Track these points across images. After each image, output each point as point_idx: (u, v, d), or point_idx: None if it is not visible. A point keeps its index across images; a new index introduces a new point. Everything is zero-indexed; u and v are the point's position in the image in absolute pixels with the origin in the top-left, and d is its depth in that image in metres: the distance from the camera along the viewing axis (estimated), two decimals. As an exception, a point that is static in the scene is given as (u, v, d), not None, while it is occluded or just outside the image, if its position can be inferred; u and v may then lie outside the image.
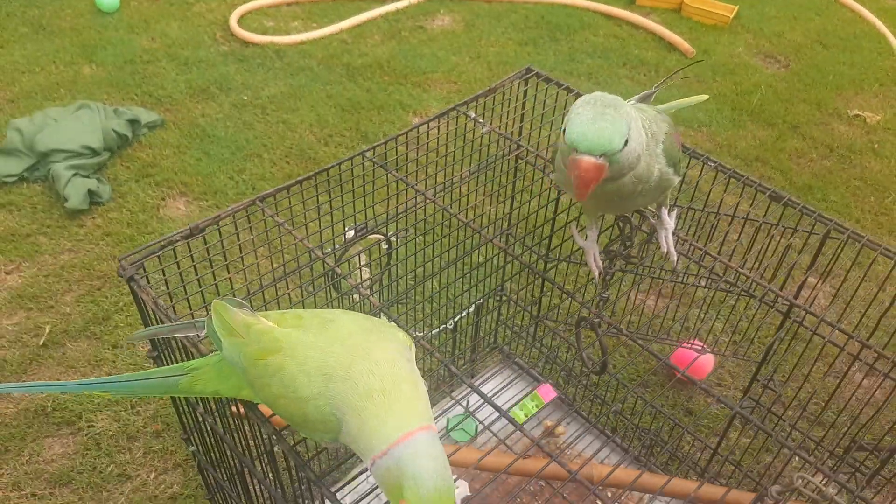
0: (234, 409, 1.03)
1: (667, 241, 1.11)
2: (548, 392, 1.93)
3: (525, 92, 1.54)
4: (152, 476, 1.91)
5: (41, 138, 2.71)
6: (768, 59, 3.79)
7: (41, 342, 2.18)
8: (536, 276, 1.30)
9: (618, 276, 1.90)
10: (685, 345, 2.06)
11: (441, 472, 0.69)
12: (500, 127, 1.43)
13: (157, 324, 0.98)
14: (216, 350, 0.86)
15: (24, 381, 1.98)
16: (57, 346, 2.18)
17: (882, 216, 2.84)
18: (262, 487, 1.05)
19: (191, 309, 1.14)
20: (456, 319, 1.84)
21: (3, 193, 2.68)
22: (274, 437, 0.84)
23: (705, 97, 1.38)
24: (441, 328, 1.82)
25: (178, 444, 1.96)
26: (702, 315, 2.11)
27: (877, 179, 3.03)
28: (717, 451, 1.58)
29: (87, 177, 2.67)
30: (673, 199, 1.24)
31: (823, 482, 0.81)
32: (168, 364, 1.08)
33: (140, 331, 0.92)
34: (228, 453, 1.10)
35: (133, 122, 2.97)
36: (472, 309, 1.87)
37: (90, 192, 2.61)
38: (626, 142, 0.84)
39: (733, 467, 1.61)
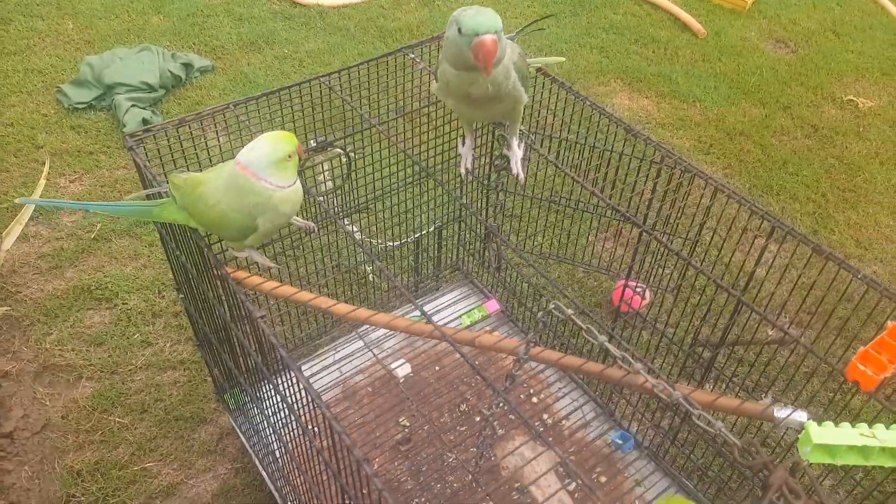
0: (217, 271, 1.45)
1: (517, 166, 1.45)
2: (493, 305, 2.30)
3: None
4: (168, 345, 2.37)
5: (108, 73, 3.21)
6: (778, 44, 3.98)
7: (92, 236, 2.67)
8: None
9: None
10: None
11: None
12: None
13: (147, 183, 1.41)
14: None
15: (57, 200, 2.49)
16: (105, 240, 2.67)
17: (848, 192, 3.06)
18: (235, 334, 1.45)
19: (164, 172, 1.55)
20: (417, 236, 2.21)
21: (74, 117, 3.19)
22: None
23: (562, 59, 1.69)
24: (403, 242, 2.20)
25: (190, 322, 2.42)
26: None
27: (853, 159, 3.23)
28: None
29: (144, 108, 3.15)
30: (525, 134, 1.56)
31: (570, 312, 1.16)
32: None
33: (134, 193, 1.35)
34: (209, 303, 1.50)
35: (187, 66, 3.44)
36: (432, 229, 2.23)
37: (144, 121, 3.09)
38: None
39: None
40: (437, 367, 2.18)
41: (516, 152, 1.45)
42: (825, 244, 2.83)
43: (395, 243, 2.22)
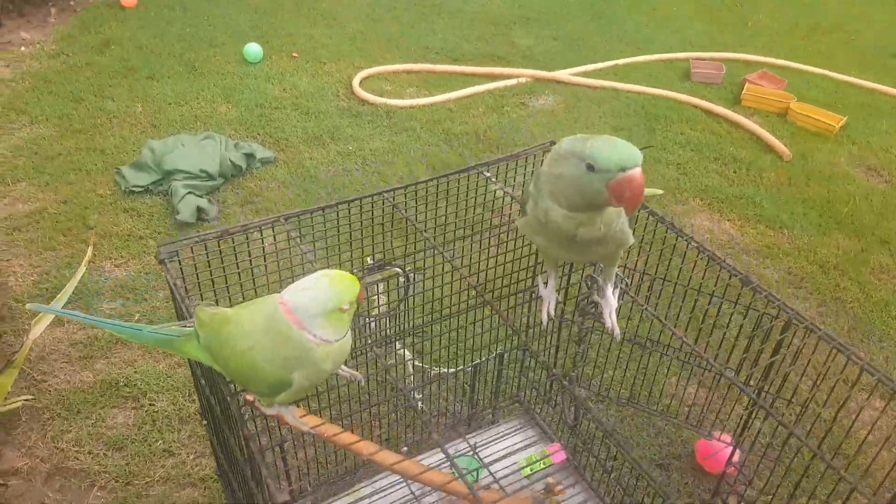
0: (246, 397, 1.24)
1: (611, 318, 1.21)
2: (558, 452, 2.01)
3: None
4: (192, 457, 2.14)
5: (168, 158, 3.14)
6: (870, 172, 3.72)
7: (128, 329, 2.51)
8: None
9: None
10: (714, 437, 2.07)
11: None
12: (513, 189, 1.60)
13: (178, 306, 1.22)
14: None
15: (73, 310, 2.30)
16: (140, 334, 2.50)
17: (960, 344, 2.71)
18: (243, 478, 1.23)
19: (200, 292, 1.37)
20: (476, 363, 1.97)
21: (130, 200, 3.11)
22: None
23: (661, 191, 1.48)
24: (459, 368, 1.96)
25: (217, 436, 2.19)
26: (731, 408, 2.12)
27: (963, 306, 2.89)
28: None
29: (200, 196, 3.06)
30: (619, 278, 1.33)
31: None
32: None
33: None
34: (224, 435, 1.29)
35: (249, 156, 3.37)
36: (493, 356, 1.99)
37: (199, 209, 2.98)
38: None
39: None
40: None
41: (611, 302, 1.22)
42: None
43: (451, 370, 1.98)
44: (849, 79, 4.64)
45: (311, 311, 0.93)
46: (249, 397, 1.12)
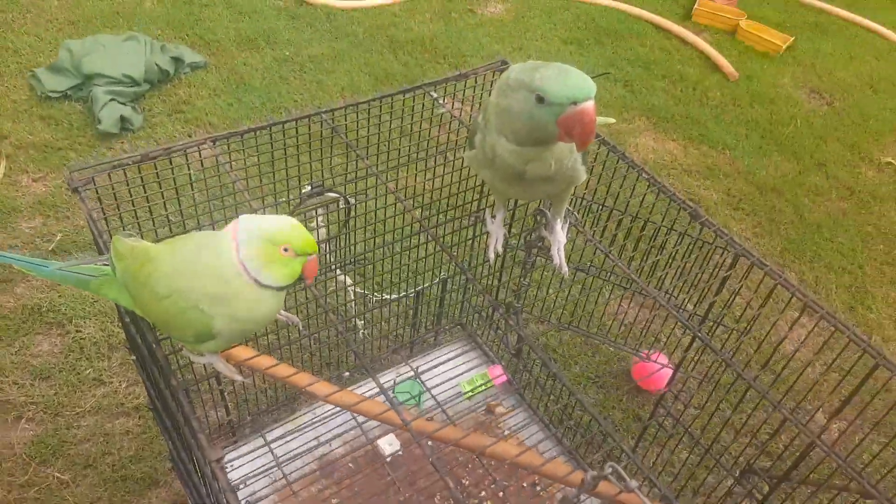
0: None
1: (559, 255, 1.17)
2: (497, 371, 2.01)
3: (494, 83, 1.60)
4: (123, 385, 2.07)
5: (88, 61, 2.89)
6: (812, 95, 3.74)
7: (50, 248, 2.36)
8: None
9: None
10: (645, 355, 2.11)
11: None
12: (460, 114, 1.51)
13: (97, 234, 1.11)
14: None
15: None
16: (64, 253, 2.36)
17: (887, 266, 2.81)
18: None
19: (122, 223, 1.26)
20: (418, 289, 1.93)
21: (46, 107, 2.87)
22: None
23: (612, 120, 1.42)
24: (402, 295, 1.91)
25: (151, 360, 2.12)
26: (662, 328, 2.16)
27: (892, 229, 2.99)
28: (631, 454, 1.64)
29: (123, 104, 2.84)
30: (568, 213, 1.29)
31: (629, 470, 0.89)
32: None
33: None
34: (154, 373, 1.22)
35: (177, 60, 3.13)
36: (436, 283, 1.95)
37: (122, 118, 2.78)
38: None
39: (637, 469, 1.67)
40: (429, 442, 1.90)
41: (560, 238, 1.17)
42: (861, 323, 2.59)
43: (393, 296, 1.94)
44: (799, -4, 4.59)
45: (252, 231, 0.85)
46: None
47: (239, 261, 0.85)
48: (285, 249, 0.86)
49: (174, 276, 0.87)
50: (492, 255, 1.16)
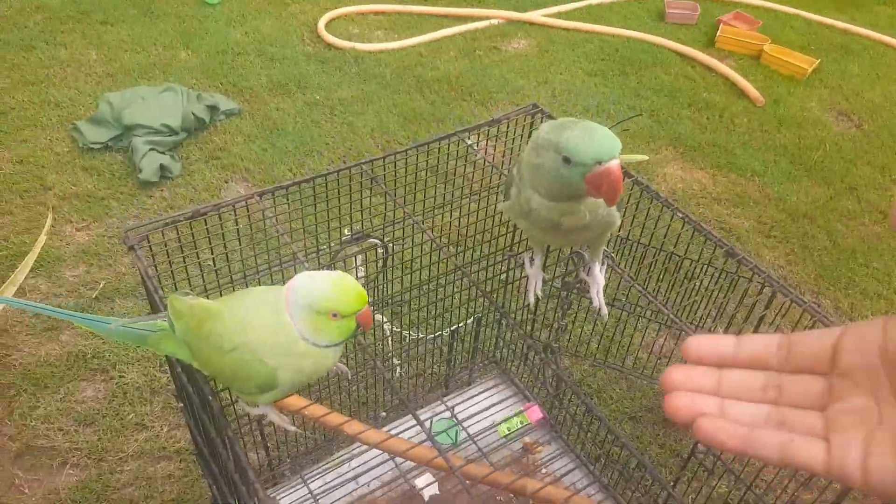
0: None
1: (598, 297, 1.19)
2: (535, 413, 2.02)
3: (531, 126, 1.64)
4: (165, 430, 2.11)
5: (128, 112, 3.00)
6: (840, 117, 3.73)
7: (94, 295, 2.43)
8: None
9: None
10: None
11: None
12: (493, 158, 1.55)
13: (150, 297, 1.15)
14: None
15: (32, 302, 2.20)
16: (107, 300, 2.43)
17: (925, 291, 2.77)
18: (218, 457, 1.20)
19: (174, 281, 1.31)
20: (453, 328, 1.95)
21: (88, 158, 2.98)
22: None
23: (645, 157, 1.44)
24: (437, 334, 1.94)
25: (193, 404, 2.16)
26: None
27: (928, 253, 2.95)
28: (671, 491, 1.63)
29: (162, 153, 2.94)
30: (606, 254, 1.31)
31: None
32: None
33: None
34: (202, 421, 1.25)
35: (212, 108, 3.23)
36: (470, 321, 1.98)
37: (162, 167, 2.87)
38: None
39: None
40: (468, 480, 1.91)
41: (598, 280, 1.19)
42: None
43: (430, 336, 1.96)
44: (823, 19, 4.59)
45: (298, 301, 0.88)
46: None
47: (294, 325, 0.88)
48: (333, 315, 0.88)
49: (237, 332, 0.90)
50: (532, 299, 1.19)
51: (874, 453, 0.47)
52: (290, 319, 0.88)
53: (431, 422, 2.02)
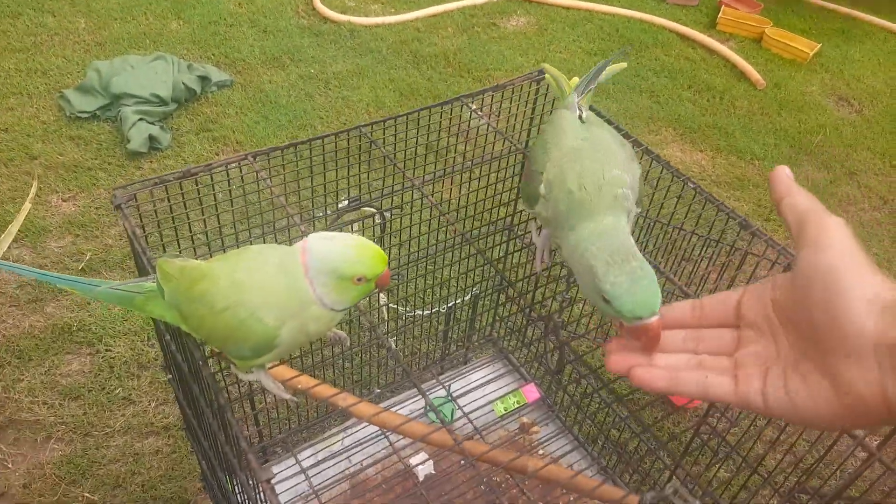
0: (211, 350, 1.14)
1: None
2: (531, 392, 1.98)
3: (536, 92, 1.58)
4: (153, 405, 2.06)
5: (116, 81, 2.92)
6: (841, 102, 3.69)
7: (80, 266, 2.37)
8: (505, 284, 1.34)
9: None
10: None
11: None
12: (501, 126, 1.49)
13: (138, 259, 1.09)
14: None
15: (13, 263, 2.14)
16: (94, 272, 2.37)
17: (925, 277, 2.74)
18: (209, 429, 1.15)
19: (162, 241, 1.25)
20: (450, 305, 1.90)
21: (75, 127, 2.90)
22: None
23: (624, 65, 1.35)
24: (433, 311, 1.89)
25: (181, 378, 2.11)
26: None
27: (928, 240, 2.92)
28: (674, 472, 1.59)
29: (152, 123, 2.86)
30: None
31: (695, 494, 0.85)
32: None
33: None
34: (192, 392, 1.20)
35: (203, 79, 3.15)
36: (467, 297, 1.93)
37: (151, 138, 2.79)
38: None
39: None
40: (461, 460, 1.87)
41: None
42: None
43: (426, 312, 1.91)
44: (825, 4, 4.54)
45: (319, 266, 0.83)
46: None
47: (312, 289, 0.83)
48: (358, 279, 0.83)
49: (233, 289, 0.85)
50: (538, 266, 1.14)
51: (770, 384, 0.57)
52: (306, 285, 0.83)
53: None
